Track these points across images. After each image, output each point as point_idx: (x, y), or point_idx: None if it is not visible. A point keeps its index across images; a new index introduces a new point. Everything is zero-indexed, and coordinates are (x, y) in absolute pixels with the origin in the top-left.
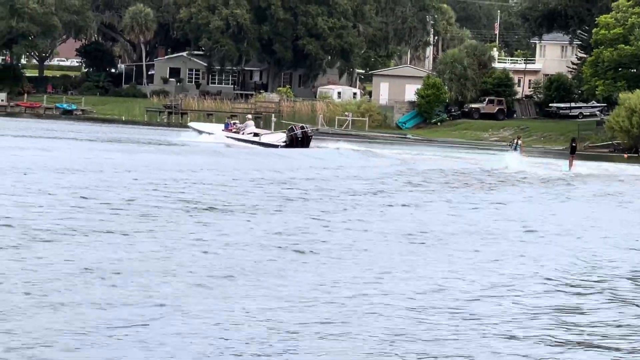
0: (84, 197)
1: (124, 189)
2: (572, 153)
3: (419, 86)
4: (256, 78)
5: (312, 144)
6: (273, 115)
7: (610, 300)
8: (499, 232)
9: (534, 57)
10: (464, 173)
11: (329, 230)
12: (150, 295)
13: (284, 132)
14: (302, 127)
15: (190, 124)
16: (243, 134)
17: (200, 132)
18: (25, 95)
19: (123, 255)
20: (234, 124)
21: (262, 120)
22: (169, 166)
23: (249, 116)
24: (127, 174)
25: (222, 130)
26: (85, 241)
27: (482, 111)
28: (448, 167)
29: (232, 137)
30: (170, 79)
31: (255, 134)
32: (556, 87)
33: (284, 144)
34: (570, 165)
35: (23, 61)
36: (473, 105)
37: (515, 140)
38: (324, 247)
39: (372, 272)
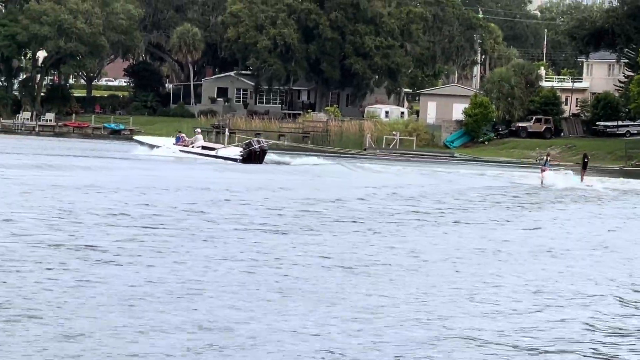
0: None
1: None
2: (584, 168)
3: (467, 105)
4: (304, 97)
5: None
6: (227, 129)
7: None
8: (569, 250)
9: (581, 75)
10: (502, 189)
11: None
12: (228, 316)
13: (239, 145)
14: (259, 142)
15: (136, 137)
16: (193, 147)
17: (151, 146)
18: (74, 115)
19: (175, 276)
20: (183, 137)
21: (309, 140)
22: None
23: (198, 130)
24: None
25: (174, 144)
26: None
27: (529, 130)
28: (486, 185)
29: (185, 151)
30: (218, 99)
31: (205, 147)
32: (603, 106)
33: (242, 157)
34: (582, 178)
35: (71, 81)
36: (520, 124)
37: (545, 157)
38: (414, 263)
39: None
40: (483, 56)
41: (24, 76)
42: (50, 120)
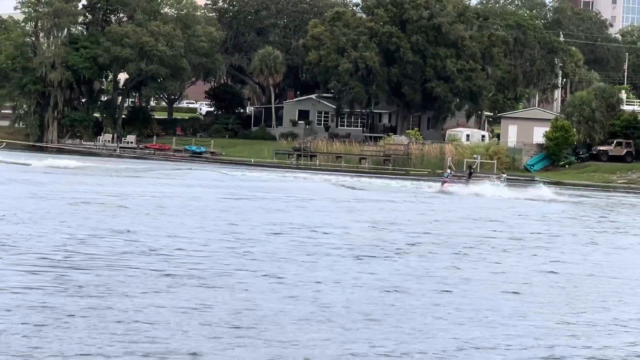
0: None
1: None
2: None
3: (547, 128)
4: (385, 120)
5: None
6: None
7: None
8: None
9: None
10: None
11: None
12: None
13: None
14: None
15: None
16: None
17: None
18: (155, 137)
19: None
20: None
21: (390, 163)
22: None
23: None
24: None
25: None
26: None
27: (610, 153)
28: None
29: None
30: (299, 122)
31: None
32: None
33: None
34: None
35: (152, 103)
36: (601, 148)
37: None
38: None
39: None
40: (564, 80)
41: (105, 98)
42: (132, 143)
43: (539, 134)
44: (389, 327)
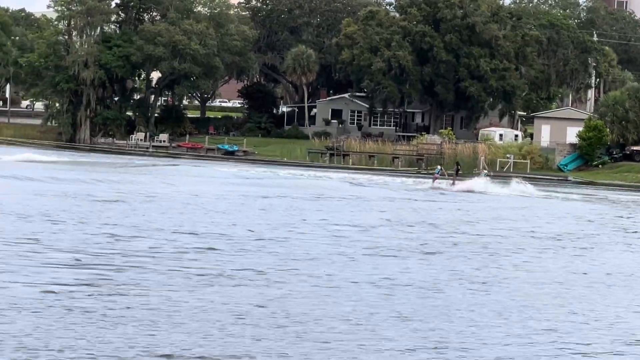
0: None
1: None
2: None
3: (581, 128)
4: (418, 120)
5: None
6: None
7: None
8: None
9: None
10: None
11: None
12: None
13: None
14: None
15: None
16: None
17: None
18: (187, 136)
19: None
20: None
21: (423, 163)
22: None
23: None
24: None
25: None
26: None
27: None
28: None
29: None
30: (332, 121)
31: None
32: None
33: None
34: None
35: (185, 102)
36: (635, 148)
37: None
38: None
39: None
40: (597, 79)
41: (138, 97)
42: (164, 141)
43: (572, 134)
44: (429, 326)
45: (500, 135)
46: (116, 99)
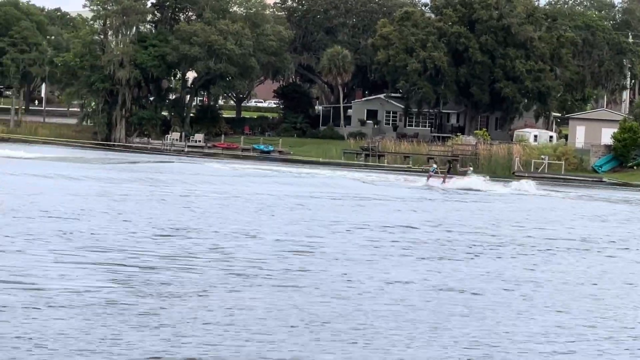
0: None
1: None
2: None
3: (615, 130)
4: (453, 121)
5: None
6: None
7: None
8: None
9: None
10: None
11: None
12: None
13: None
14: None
15: None
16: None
17: None
18: (223, 136)
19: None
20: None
21: (458, 164)
22: None
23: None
24: None
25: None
26: None
27: None
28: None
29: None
30: (368, 121)
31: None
32: None
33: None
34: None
35: (220, 102)
36: None
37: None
38: None
39: None
40: (632, 81)
41: (174, 97)
42: (200, 141)
43: (607, 135)
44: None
45: (535, 136)
46: (151, 98)
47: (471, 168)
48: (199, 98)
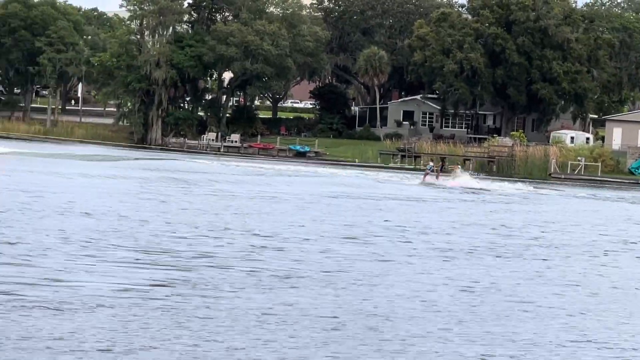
0: None
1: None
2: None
3: None
4: (489, 122)
5: None
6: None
7: None
8: None
9: None
10: None
11: None
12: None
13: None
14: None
15: None
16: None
17: None
18: (259, 136)
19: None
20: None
21: (494, 165)
22: None
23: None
24: None
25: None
26: None
27: None
28: None
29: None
30: (404, 122)
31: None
32: None
33: None
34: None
35: (257, 102)
36: None
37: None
38: None
39: None
40: None
41: (210, 97)
42: (236, 142)
43: None
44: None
45: (572, 137)
46: (188, 99)
47: (459, 167)
48: (235, 98)
